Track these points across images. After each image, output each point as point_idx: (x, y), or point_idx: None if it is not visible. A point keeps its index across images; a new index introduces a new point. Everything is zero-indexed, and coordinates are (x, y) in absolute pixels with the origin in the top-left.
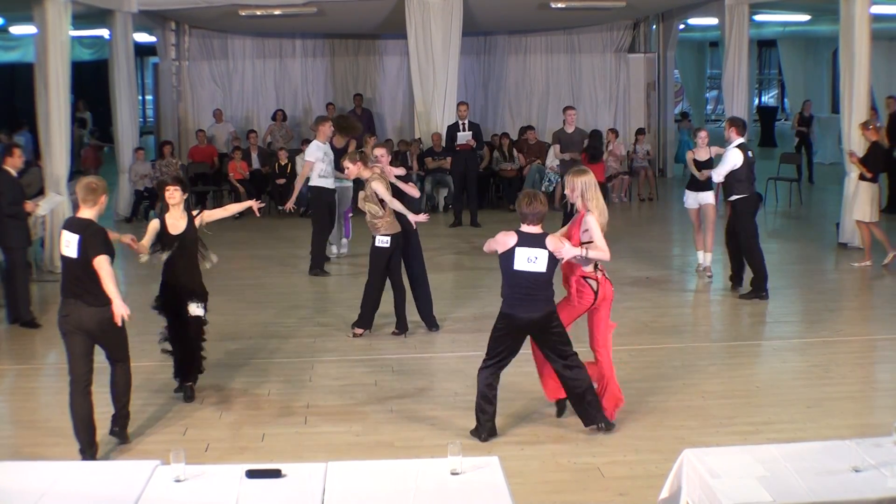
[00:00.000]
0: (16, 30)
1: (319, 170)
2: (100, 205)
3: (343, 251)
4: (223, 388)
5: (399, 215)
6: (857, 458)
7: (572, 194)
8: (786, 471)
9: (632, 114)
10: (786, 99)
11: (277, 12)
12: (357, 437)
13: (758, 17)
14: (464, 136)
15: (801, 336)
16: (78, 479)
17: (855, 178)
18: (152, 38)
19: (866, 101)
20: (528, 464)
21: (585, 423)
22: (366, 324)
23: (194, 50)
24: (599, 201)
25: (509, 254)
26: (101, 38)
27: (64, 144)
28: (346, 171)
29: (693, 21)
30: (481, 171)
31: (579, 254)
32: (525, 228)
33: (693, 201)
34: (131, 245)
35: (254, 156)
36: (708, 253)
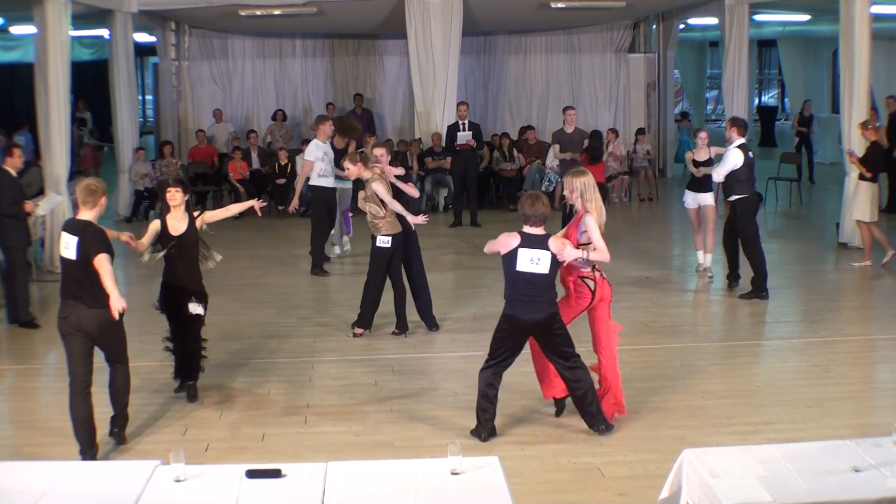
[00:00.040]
0: (16, 30)
1: (319, 169)
2: (99, 206)
3: (346, 248)
4: (223, 388)
5: (400, 215)
6: (857, 458)
7: (571, 195)
8: (786, 471)
9: (632, 114)
10: (786, 99)
11: (277, 12)
12: (357, 437)
13: (758, 17)
14: (464, 136)
15: (801, 336)
16: (78, 479)
17: (855, 178)
18: (152, 38)
19: (866, 101)
20: (528, 464)
21: (588, 425)
22: (366, 324)
23: (194, 50)
24: (598, 202)
25: (512, 255)
26: (101, 38)
27: (64, 144)
28: (346, 171)
29: (693, 21)
30: (481, 171)
31: (581, 256)
32: (528, 230)
33: (692, 201)
34: (129, 243)
35: (254, 156)
36: (708, 254)
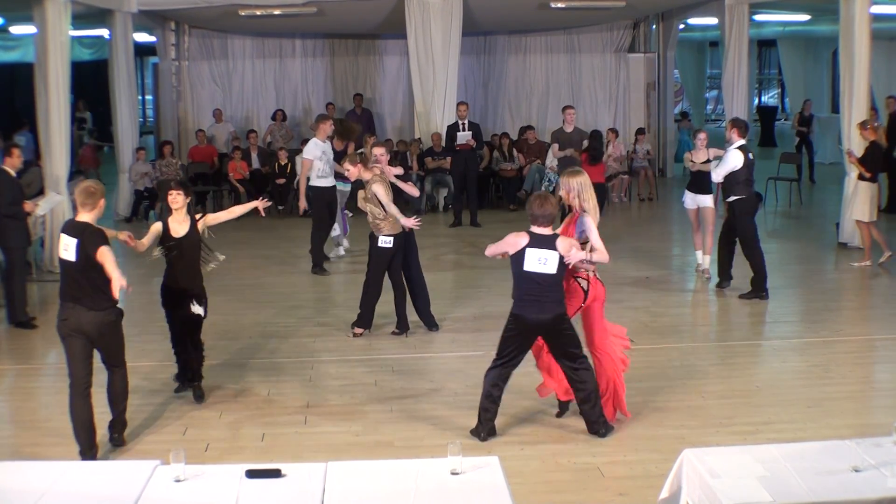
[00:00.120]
0: (16, 30)
1: (318, 169)
2: (98, 208)
3: (345, 245)
4: (223, 388)
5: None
6: (857, 458)
7: (568, 195)
8: (786, 471)
9: (632, 114)
10: (786, 99)
11: (277, 12)
12: (357, 436)
13: (758, 17)
14: (464, 136)
15: (801, 336)
16: (78, 479)
17: (854, 178)
18: (152, 38)
19: (866, 101)
20: (528, 464)
21: (588, 429)
22: (365, 323)
23: (194, 50)
24: (593, 201)
25: (520, 254)
26: (101, 38)
27: (64, 144)
28: (346, 172)
29: (693, 21)
30: (481, 171)
31: (586, 258)
32: (536, 230)
33: (691, 202)
34: (128, 242)
35: (254, 156)
36: (706, 255)
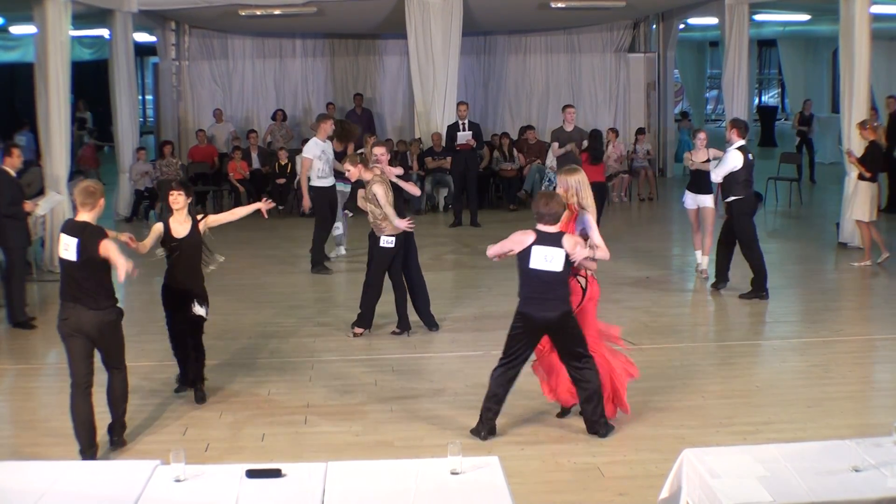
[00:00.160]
0: (16, 30)
1: (318, 169)
2: (98, 208)
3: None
4: (223, 388)
5: (402, 214)
6: (857, 458)
7: (566, 193)
8: (786, 471)
9: (632, 114)
10: (786, 99)
11: (277, 12)
12: (357, 436)
13: (758, 17)
14: (464, 136)
15: (801, 336)
16: (78, 479)
17: (854, 178)
18: (152, 38)
19: (866, 101)
20: (528, 464)
21: (588, 429)
22: (365, 323)
23: (194, 50)
24: (590, 198)
25: (526, 252)
26: (101, 37)
27: (64, 144)
28: (347, 173)
29: (693, 21)
30: (481, 170)
31: (590, 255)
32: (542, 227)
33: (692, 202)
34: (129, 243)
35: (254, 156)
36: (705, 255)
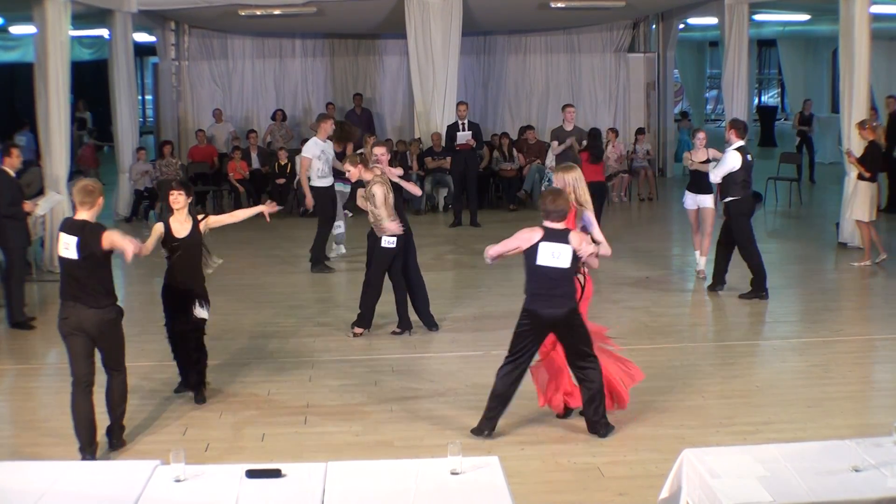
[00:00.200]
0: (16, 30)
1: (317, 169)
2: (97, 206)
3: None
4: (223, 388)
5: (401, 215)
6: (857, 458)
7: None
8: (786, 471)
9: (632, 114)
10: (786, 99)
11: (277, 12)
12: (357, 437)
13: (757, 17)
14: (463, 136)
15: (800, 336)
16: (78, 479)
17: (854, 178)
18: (152, 38)
19: (866, 101)
20: (528, 464)
21: (588, 429)
22: (365, 323)
23: (194, 50)
24: (587, 195)
25: (533, 249)
26: (101, 38)
27: (64, 144)
28: (347, 174)
29: (693, 21)
30: (481, 170)
31: (596, 252)
32: (549, 224)
33: (692, 202)
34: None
35: (253, 156)
36: (703, 256)
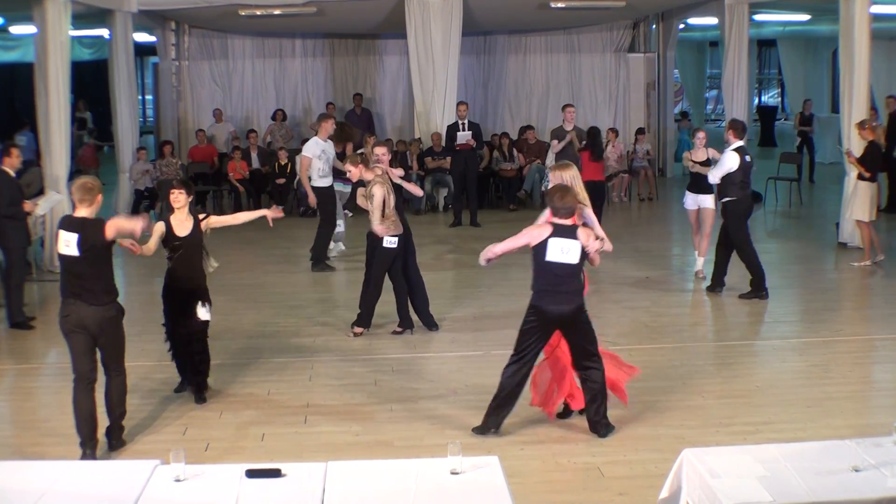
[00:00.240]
0: (16, 30)
1: (318, 169)
2: (96, 204)
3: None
4: (223, 388)
5: (401, 215)
6: (857, 458)
7: None
8: (786, 471)
9: (632, 113)
10: (786, 99)
11: (277, 12)
12: (357, 436)
13: (758, 17)
14: (463, 136)
15: (800, 336)
16: (78, 478)
17: (854, 178)
18: (152, 38)
19: (866, 101)
20: (528, 464)
21: (589, 429)
22: (365, 323)
23: (194, 50)
24: (584, 192)
25: (542, 245)
26: (101, 37)
27: (64, 144)
28: (348, 174)
29: (693, 21)
30: (481, 170)
31: (602, 248)
32: (557, 221)
33: (692, 202)
34: (132, 250)
35: (253, 155)
36: (701, 257)
